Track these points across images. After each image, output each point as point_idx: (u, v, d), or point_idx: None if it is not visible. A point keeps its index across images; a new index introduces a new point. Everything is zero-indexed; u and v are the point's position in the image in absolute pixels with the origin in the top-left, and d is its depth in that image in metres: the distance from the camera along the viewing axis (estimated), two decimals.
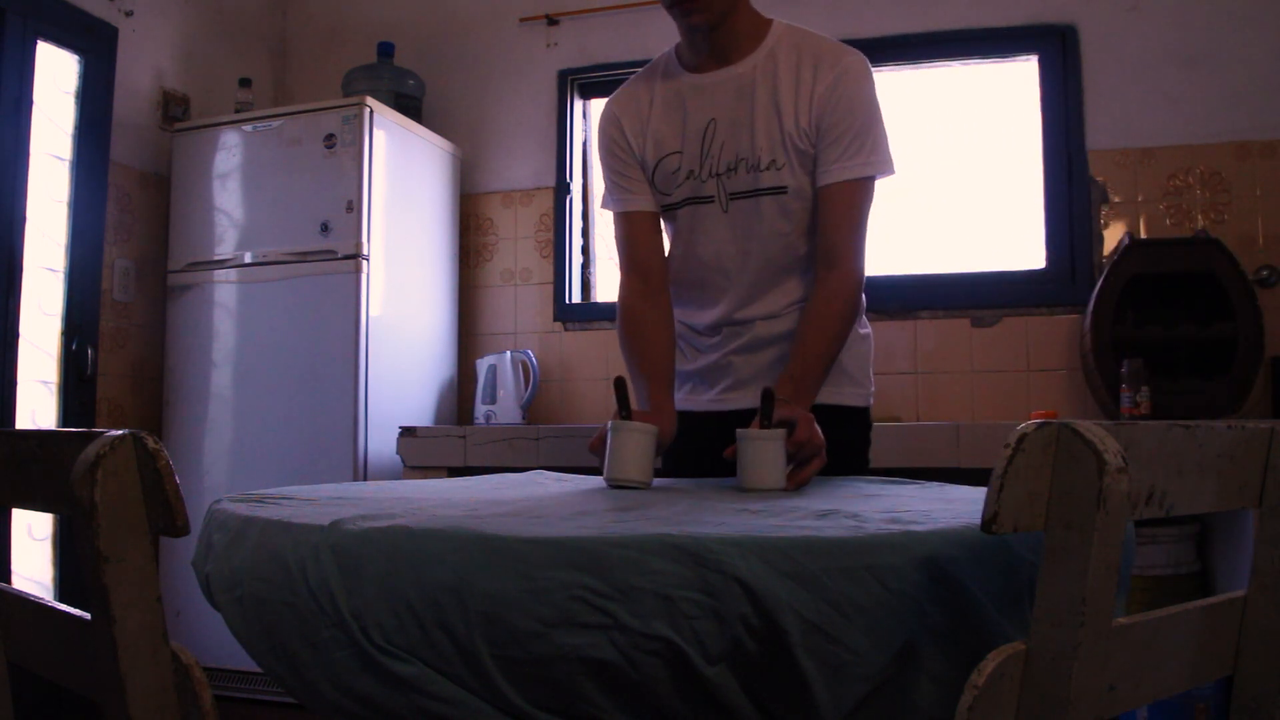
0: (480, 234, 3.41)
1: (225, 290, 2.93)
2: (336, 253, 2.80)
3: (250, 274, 2.90)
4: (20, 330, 2.57)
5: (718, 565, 0.70)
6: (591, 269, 3.42)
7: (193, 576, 1.00)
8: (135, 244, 3.01)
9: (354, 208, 2.80)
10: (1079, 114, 2.86)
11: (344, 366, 2.77)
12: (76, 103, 2.81)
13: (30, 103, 2.61)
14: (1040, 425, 0.64)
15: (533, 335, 3.32)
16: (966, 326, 2.92)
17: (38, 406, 2.67)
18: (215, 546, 0.94)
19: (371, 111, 2.86)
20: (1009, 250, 3.01)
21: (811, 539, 0.73)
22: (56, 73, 2.75)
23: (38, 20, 2.64)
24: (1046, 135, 2.92)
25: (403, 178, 3.03)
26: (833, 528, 0.80)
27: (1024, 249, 2.97)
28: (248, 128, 2.96)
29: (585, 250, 3.41)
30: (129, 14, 2.97)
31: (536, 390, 3.15)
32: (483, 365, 3.13)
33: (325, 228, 2.82)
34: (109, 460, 0.69)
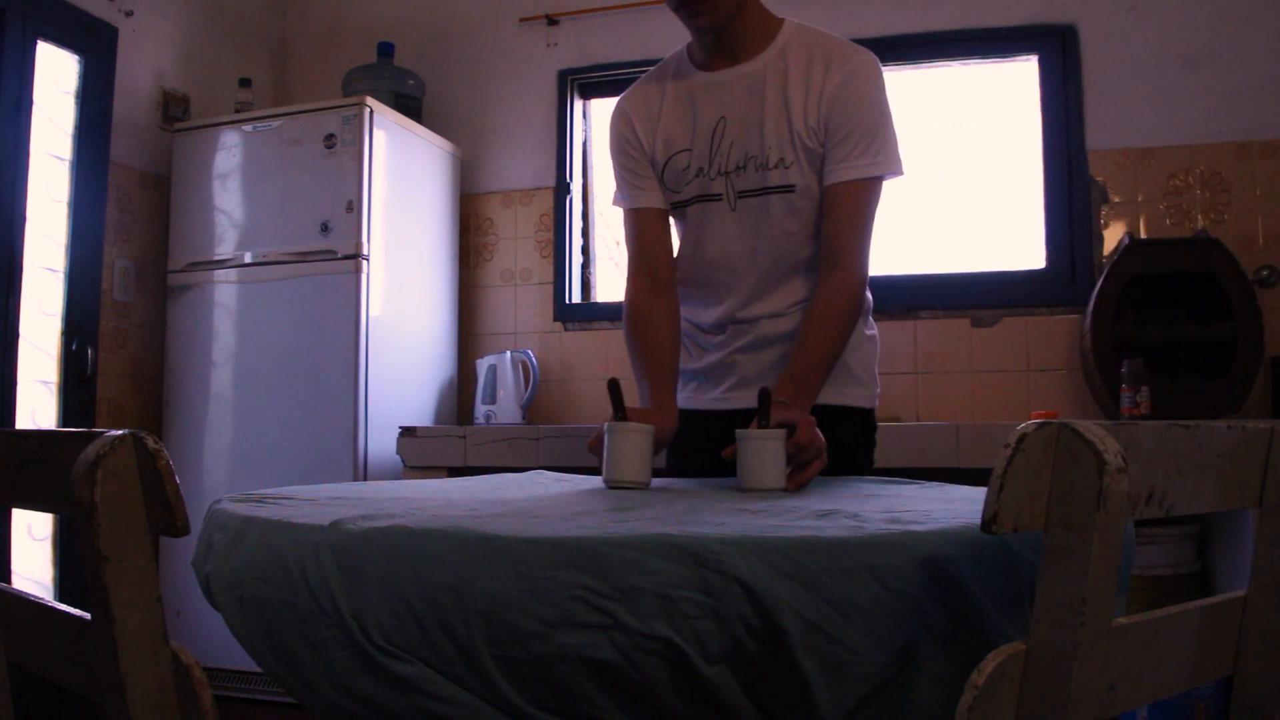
0: (480, 234, 3.41)
1: (225, 290, 2.93)
2: (336, 253, 2.80)
3: (250, 274, 2.90)
4: (20, 330, 2.57)
5: (718, 565, 0.70)
6: (591, 269, 3.42)
7: (193, 576, 1.00)
8: (135, 244, 3.01)
9: (354, 208, 2.80)
10: (1079, 114, 2.86)
11: (344, 366, 2.77)
12: (76, 103, 2.81)
13: (30, 103, 2.61)
14: (1040, 425, 0.64)
15: (533, 335, 3.32)
16: (966, 326, 2.92)
17: (38, 406, 2.67)
18: (215, 546, 0.94)
19: (371, 111, 2.86)
20: (1009, 250, 3.01)
21: (811, 539, 0.73)
22: (56, 73, 2.75)
23: (38, 20, 2.64)
24: (1046, 135, 2.92)
25: (403, 178, 3.03)
26: (833, 528, 0.80)
27: (1024, 249, 2.98)
28: (248, 128, 2.96)
29: (585, 250, 3.41)
30: (129, 14, 2.97)
31: (536, 390, 3.15)
32: (483, 365, 3.13)
33: (325, 228, 2.82)
34: (109, 460, 0.69)
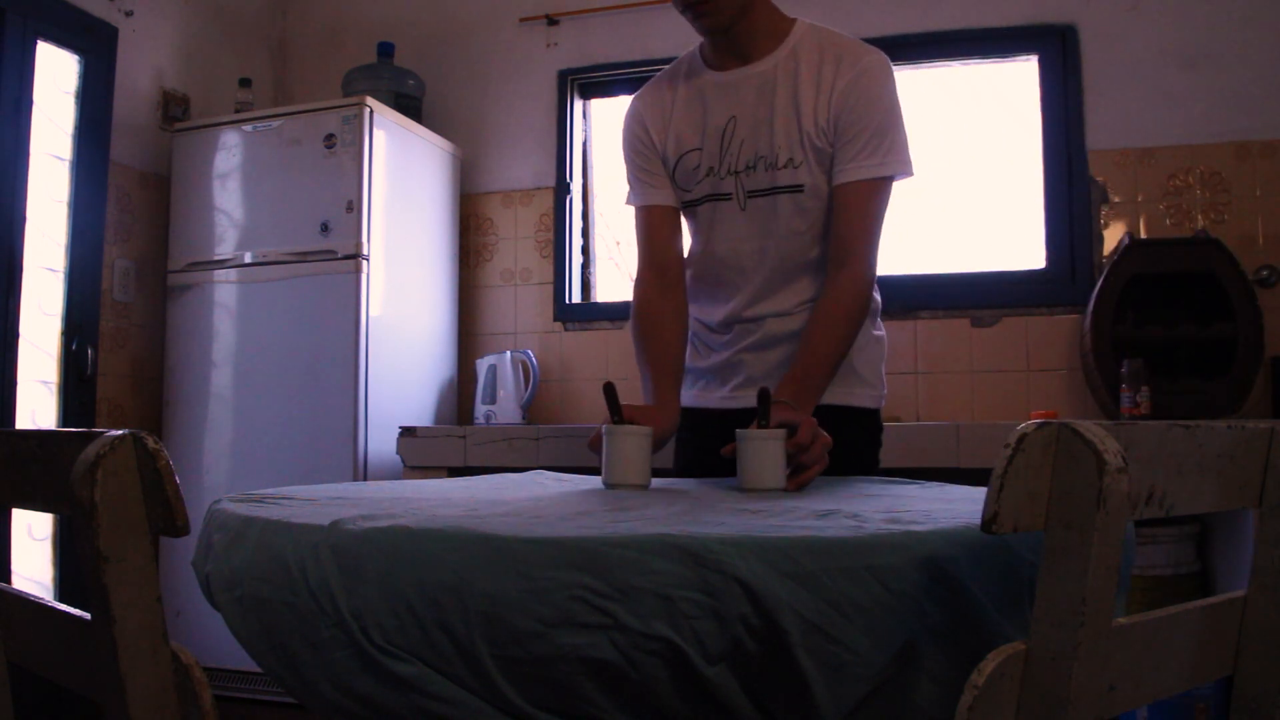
0: (480, 234, 3.41)
1: (225, 290, 2.93)
2: (336, 253, 2.80)
3: (250, 274, 2.90)
4: (20, 330, 2.57)
5: (718, 565, 0.70)
6: (591, 269, 3.42)
7: (193, 576, 1.00)
8: (135, 244, 3.01)
9: (354, 208, 2.80)
10: (1079, 114, 2.86)
11: (344, 366, 2.77)
12: (76, 103, 2.81)
13: (30, 103, 2.62)
14: (1040, 425, 0.64)
15: (533, 335, 3.32)
16: (966, 326, 2.92)
17: (38, 406, 2.67)
18: (215, 546, 0.94)
19: (371, 111, 2.86)
20: (1009, 250, 3.01)
21: (811, 539, 0.73)
22: (56, 73, 2.75)
23: (38, 20, 2.64)
24: (1046, 135, 2.92)
25: (403, 178, 3.03)
26: (833, 528, 0.80)
27: (1024, 249, 2.98)
28: (248, 128, 2.96)
29: (585, 250, 3.41)
30: (129, 14, 2.97)
31: (536, 390, 3.15)
32: (483, 365, 3.13)
33: (325, 228, 2.82)
34: (109, 460, 0.69)
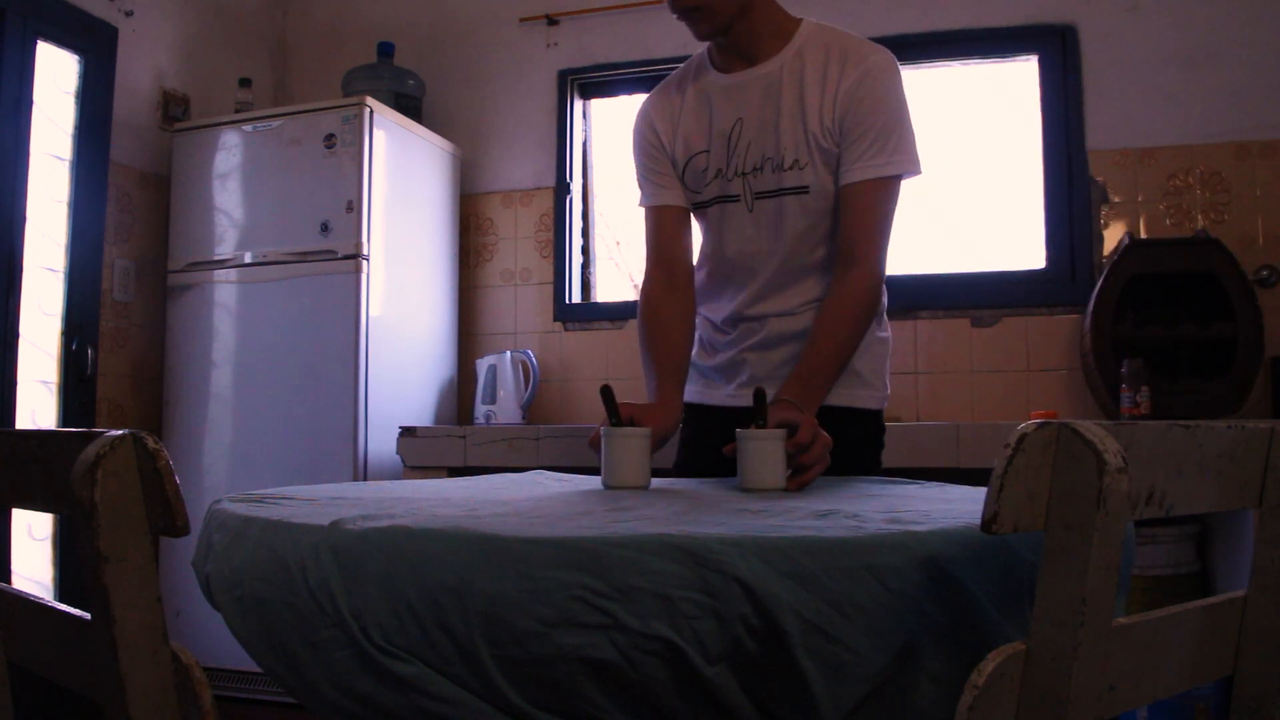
0: (480, 234, 3.41)
1: (225, 290, 2.93)
2: (336, 253, 2.80)
3: (250, 274, 2.90)
4: (20, 330, 2.57)
5: (718, 565, 0.70)
6: (591, 269, 3.42)
7: (193, 576, 1.00)
8: (135, 244, 3.01)
9: (354, 208, 2.80)
10: (1079, 114, 2.86)
11: (344, 366, 2.77)
12: (76, 103, 2.81)
13: (30, 103, 2.61)
14: (1040, 425, 0.64)
15: (533, 335, 3.32)
16: (966, 326, 2.92)
17: (38, 406, 2.67)
18: (215, 546, 0.94)
19: (371, 111, 2.86)
20: (1009, 250, 3.01)
21: (811, 539, 0.73)
22: (56, 73, 2.75)
23: (38, 20, 2.64)
24: (1046, 135, 2.92)
25: (403, 178, 3.03)
26: (833, 528, 0.80)
27: (1024, 249, 2.97)
28: (248, 128, 2.95)
29: (585, 250, 3.41)
30: (129, 14, 2.97)
31: (536, 390, 3.15)
32: (483, 365, 3.13)
33: (325, 228, 2.82)
34: (109, 460, 0.69)
